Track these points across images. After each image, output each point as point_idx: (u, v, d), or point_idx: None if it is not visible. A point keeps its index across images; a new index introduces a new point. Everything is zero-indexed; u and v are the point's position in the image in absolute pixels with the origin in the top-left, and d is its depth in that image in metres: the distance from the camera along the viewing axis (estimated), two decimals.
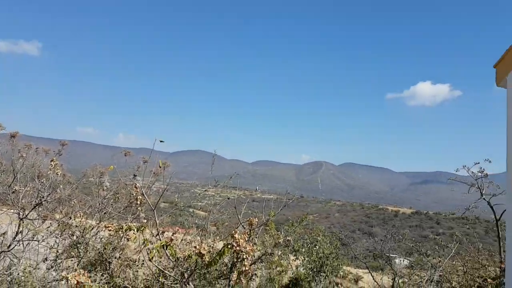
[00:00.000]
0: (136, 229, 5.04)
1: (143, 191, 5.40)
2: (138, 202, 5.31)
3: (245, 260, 4.62)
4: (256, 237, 6.17)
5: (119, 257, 6.71)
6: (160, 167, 6.48)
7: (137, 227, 5.06)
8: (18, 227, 7.57)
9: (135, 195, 5.36)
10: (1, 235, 7.53)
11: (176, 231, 5.64)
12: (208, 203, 8.67)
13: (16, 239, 7.55)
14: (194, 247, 4.77)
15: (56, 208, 8.32)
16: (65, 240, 7.29)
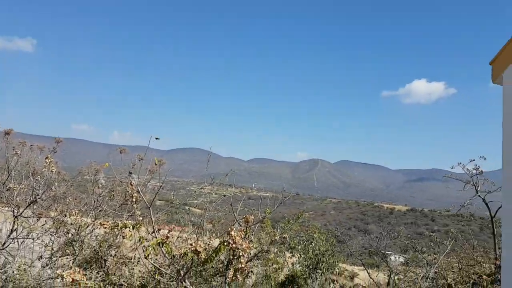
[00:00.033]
0: (132, 227, 5.02)
1: (139, 189, 5.38)
2: (134, 200, 5.29)
3: (241, 258, 4.61)
4: (252, 235, 6.16)
5: (115, 255, 6.69)
6: (156, 165, 6.47)
7: (133, 225, 5.04)
8: (13, 225, 7.52)
9: (131, 193, 5.34)
10: None
11: (172, 229, 5.61)
12: (204, 201, 8.66)
13: (11, 237, 7.51)
14: (190, 245, 4.76)
15: (51, 206, 8.27)
16: (60, 238, 7.25)
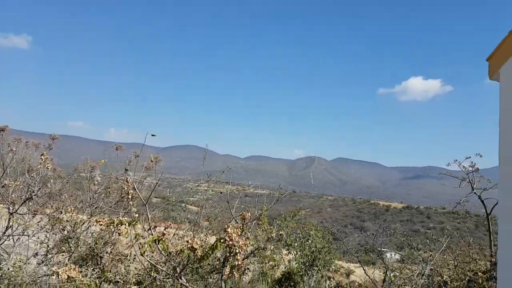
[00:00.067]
0: (128, 224, 5.00)
1: (135, 186, 5.36)
2: (130, 197, 5.27)
3: (238, 255, 4.61)
4: (249, 232, 6.16)
5: (111, 252, 6.67)
6: (152, 162, 6.44)
7: (129, 222, 5.02)
8: (8, 222, 7.50)
9: (127, 190, 5.32)
10: None
11: (168, 226, 5.60)
12: (201, 198, 8.64)
13: (6, 234, 7.48)
14: (187, 242, 4.75)
15: (47, 203, 8.24)
16: (56, 235, 7.23)
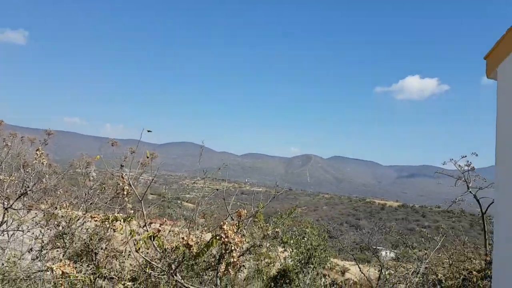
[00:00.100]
0: (123, 220, 4.97)
1: (130, 182, 5.33)
2: (125, 193, 5.24)
3: (234, 252, 4.60)
4: (245, 229, 6.15)
5: (105, 248, 6.64)
6: (148, 158, 6.42)
7: (124, 218, 4.99)
8: (3, 217, 7.46)
9: (122, 186, 5.29)
10: None
11: (164, 223, 5.58)
12: (197, 195, 8.62)
13: (1, 229, 7.44)
14: (182, 238, 4.73)
15: (42, 198, 8.21)
16: (51, 231, 7.19)
